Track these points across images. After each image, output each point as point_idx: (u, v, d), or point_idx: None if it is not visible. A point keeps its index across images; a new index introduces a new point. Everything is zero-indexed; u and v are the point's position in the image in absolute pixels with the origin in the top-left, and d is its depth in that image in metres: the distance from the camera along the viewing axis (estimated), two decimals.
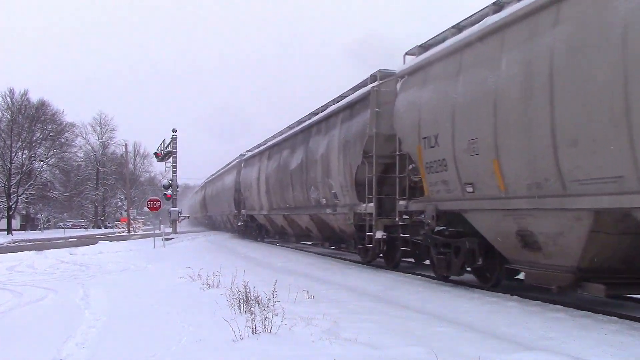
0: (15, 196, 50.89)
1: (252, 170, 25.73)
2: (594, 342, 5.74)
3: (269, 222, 24.66)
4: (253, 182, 25.12)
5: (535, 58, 7.14)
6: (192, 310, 7.79)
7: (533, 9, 7.29)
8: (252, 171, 25.68)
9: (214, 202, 43.04)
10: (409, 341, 5.74)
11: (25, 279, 13.35)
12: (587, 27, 6.46)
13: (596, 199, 6.41)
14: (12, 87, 54.29)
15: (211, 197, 44.39)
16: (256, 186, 24.48)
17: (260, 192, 23.90)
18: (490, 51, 8.17)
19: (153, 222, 49.11)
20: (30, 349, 6.11)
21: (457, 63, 9.04)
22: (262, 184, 23.38)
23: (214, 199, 42.68)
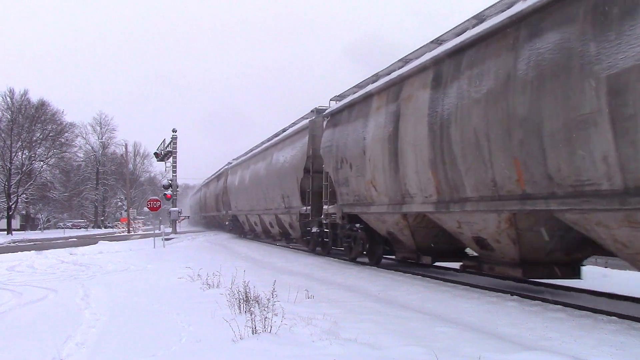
0: (15, 196, 50.87)
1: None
2: (594, 342, 5.74)
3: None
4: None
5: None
6: (192, 310, 7.79)
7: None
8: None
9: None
10: (409, 341, 5.74)
11: (25, 279, 13.35)
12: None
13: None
14: (12, 87, 54.39)
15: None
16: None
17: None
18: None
19: (153, 222, 48.99)
20: (30, 349, 6.10)
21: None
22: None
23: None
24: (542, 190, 7.06)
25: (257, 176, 24.50)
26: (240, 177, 29.09)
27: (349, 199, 14.18)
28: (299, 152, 18.55)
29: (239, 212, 30.66)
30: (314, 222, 17.34)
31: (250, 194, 26.36)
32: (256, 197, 24.97)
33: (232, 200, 31.94)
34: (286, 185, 19.71)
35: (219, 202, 38.90)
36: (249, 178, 26.39)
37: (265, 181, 22.90)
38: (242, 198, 28.74)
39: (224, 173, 36.12)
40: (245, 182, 27.44)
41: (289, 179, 19.31)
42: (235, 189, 30.31)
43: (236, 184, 30.07)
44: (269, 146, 23.48)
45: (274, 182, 21.44)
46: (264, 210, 24.16)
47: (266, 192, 22.97)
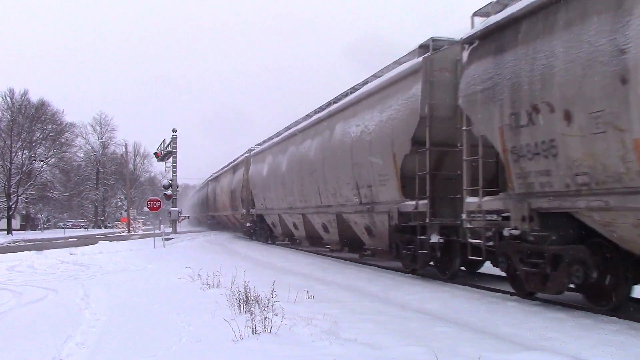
0: (15, 196, 50.88)
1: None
2: (594, 342, 5.74)
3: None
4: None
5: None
6: (192, 310, 7.79)
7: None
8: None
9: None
10: (409, 341, 5.74)
11: (25, 279, 13.35)
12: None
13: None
14: (12, 87, 54.38)
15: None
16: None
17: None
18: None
19: (153, 222, 48.86)
20: (30, 349, 6.11)
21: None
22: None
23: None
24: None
25: (303, 161, 17.41)
26: (270, 165, 22.03)
27: (550, 182, 7.21)
28: (399, 112, 11.15)
29: (269, 211, 23.55)
30: (433, 228, 10.27)
31: (288, 187, 19.42)
32: (300, 189, 18.01)
33: (258, 196, 24.79)
34: (367, 169, 12.61)
35: (235, 199, 31.54)
36: (288, 165, 19.38)
37: (320, 166, 15.76)
38: (273, 192, 21.78)
39: (242, 162, 29.32)
40: (279, 171, 20.44)
41: (375, 158, 12.20)
42: (263, 181, 23.39)
43: (264, 174, 23.01)
44: (327, 115, 15.89)
45: (339, 166, 14.27)
46: (315, 208, 16.92)
47: (322, 182, 15.80)
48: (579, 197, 6.84)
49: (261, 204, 24.48)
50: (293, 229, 20.83)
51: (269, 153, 22.95)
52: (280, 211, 21.50)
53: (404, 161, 11.07)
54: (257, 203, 25.26)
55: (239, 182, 29.91)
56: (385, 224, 12.17)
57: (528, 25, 7.60)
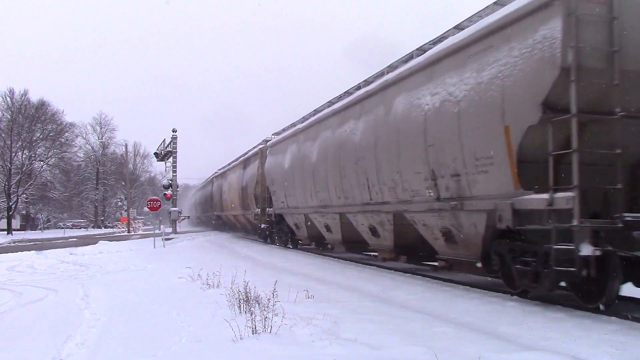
0: (15, 196, 50.89)
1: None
2: (594, 342, 5.74)
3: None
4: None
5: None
6: (192, 310, 7.79)
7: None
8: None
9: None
10: (409, 341, 5.74)
11: (25, 279, 13.36)
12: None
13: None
14: (12, 87, 54.40)
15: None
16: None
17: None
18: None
19: (153, 222, 48.77)
20: (30, 349, 6.11)
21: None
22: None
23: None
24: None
25: (344, 147, 13.82)
26: (295, 156, 18.28)
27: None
28: (516, 66, 7.78)
29: (291, 210, 19.64)
30: (583, 234, 6.79)
31: (320, 181, 15.80)
32: (337, 183, 14.49)
33: (277, 193, 20.97)
34: (452, 152, 9.17)
35: (246, 198, 27.68)
36: (320, 153, 15.76)
37: (371, 152, 12.16)
38: (298, 188, 17.95)
39: (256, 155, 25.68)
40: (307, 162, 16.78)
41: (469, 136, 8.76)
42: (283, 175, 19.49)
43: (285, 167, 19.17)
44: (380, 88, 12.06)
45: (403, 150, 10.79)
46: (360, 206, 13.33)
47: (372, 173, 12.25)
48: None
49: (281, 202, 20.50)
50: (324, 231, 16.94)
51: (292, 142, 18.90)
52: (307, 210, 17.68)
53: (524, 136, 7.62)
54: (276, 201, 21.44)
55: (251, 178, 26.35)
56: (478, 227, 8.78)
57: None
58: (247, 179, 27.70)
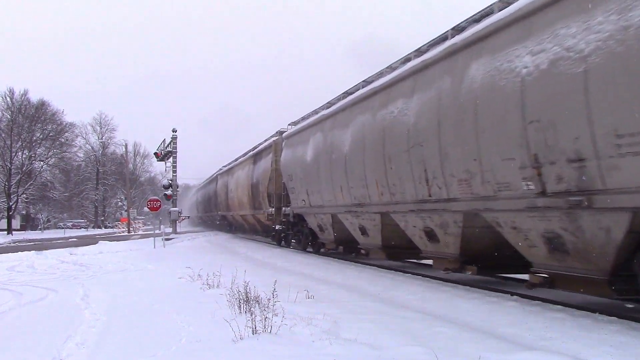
0: (15, 196, 50.91)
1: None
2: (594, 342, 5.74)
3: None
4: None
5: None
6: (192, 310, 7.79)
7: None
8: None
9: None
10: (409, 341, 5.75)
11: (25, 279, 13.36)
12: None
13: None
14: (12, 87, 54.42)
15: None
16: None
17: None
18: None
19: (153, 222, 48.75)
20: (30, 349, 6.11)
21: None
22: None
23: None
24: None
25: (390, 132, 11.13)
26: (319, 146, 15.46)
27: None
28: None
29: (314, 209, 16.64)
30: None
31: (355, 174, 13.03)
32: (379, 176, 11.76)
33: (296, 190, 17.91)
34: (572, 128, 6.65)
35: (257, 196, 24.85)
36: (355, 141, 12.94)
37: (433, 136, 9.58)
38: (324, 183, 15.15)
39: (270, 148, 23.04)
40: (338, 153, 13.91)
41: (607, 100, 6.22)
42: (305, 169, 16.71)
43: (307, 159, 16.41)
44: (445, 54, 9.59)
45: (482, 131, 8.32)
46: (414, 204, 10.64)
47: (433, 161, 9.64)
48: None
49: (302, 200, 17.46)
50: (358, 234, 14.08)
51: (315, 130, 16.11)
52: (336, 210, 14.78)
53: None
54: (295, 199, 18.34)
55: (264, 174, 23.56)
56: (613, 232, 6.45)
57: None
58: (259, 175, 24.74)
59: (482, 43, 8.46)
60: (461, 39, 9.10)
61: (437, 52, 9.84)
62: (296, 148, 17.89)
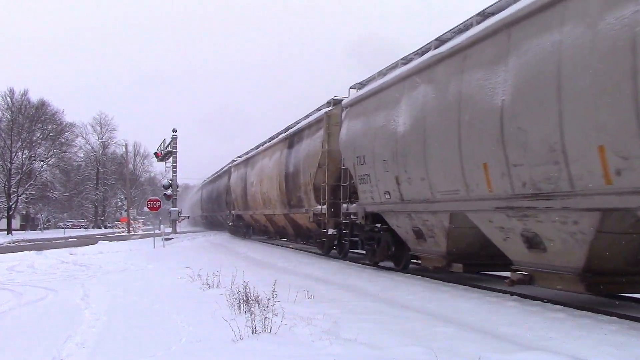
0: (15, 196, 50.91)
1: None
2: (594, 342, 5.74)
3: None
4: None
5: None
6: (192, 310, 7.79)
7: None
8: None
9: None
10: (409, 341, 5.75)
11: (25, 279, 13.36)
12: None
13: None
14: (12, 87, 54.44)
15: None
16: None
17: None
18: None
19: (153, 222, 48.50)
20: (30, 349, 6.11)
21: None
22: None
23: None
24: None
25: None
26: (426, 106, 9.78)
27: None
28: None
29: (412, 205, 10.76)
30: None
31: (534, 137, 7.10)
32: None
33: (375, 178, 12.10)
34: None
35: (295, 189, 18.70)
36: (528, 78, 7.20)
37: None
38: (437, 162, 9.49)
39: (317, 124, 16.91)
40: (483, 106, 8.04)
41: None
42: (392, 145, 11.02)
43: (400, 129, 10.66)
44: None
45: None
46: None
47: None
48: None
49: (385, 192, 11.62)
50: (519, 248, 8.08)
51: (415, 83, 10.36)
52: (464, 205, 9.03)
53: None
54: (369, 191, 12.45)
55: (307, 159, 17.16)
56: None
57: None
58: (298, 162, 18.31)
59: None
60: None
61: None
62: (372, 117, 11.91)
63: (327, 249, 16.89)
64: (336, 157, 15.01)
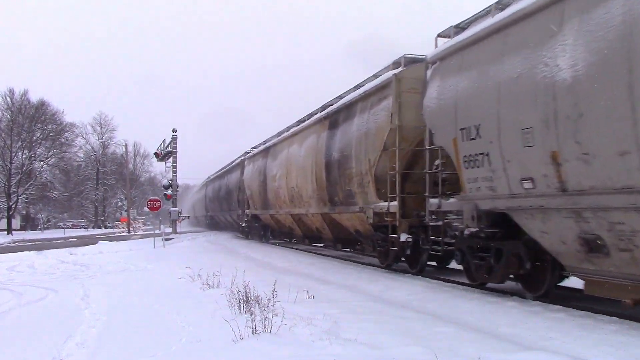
0: (15, 196, 50.89)
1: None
2: (594, 342, 5.74)
3: None
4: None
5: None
6: (192, 310, 7.79)
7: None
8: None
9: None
10: (409, 341, 5.75)
11: (25, 279, 13.36)
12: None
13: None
14: (12, 87, 54.39)
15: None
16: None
17: None
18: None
19: (153, 222, 48.37)
20: (30, 349, 6.11)
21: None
22: None
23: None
24: None
25: None
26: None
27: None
28: None
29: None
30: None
31: None
32: None
33: (487, 158, 8.18)
34: None
35: (341, 181, 14.32)
36: None
37: None
38: None
39: (379, 92, 12.45)
40: None
41: None
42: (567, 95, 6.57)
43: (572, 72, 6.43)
44: None
45: None
46: None
47: None
48: None
49: (524, 179, 7.57)
50: None
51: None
52: None
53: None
54: (479, 181, 8.59)
55: (367, 141, 12.66)
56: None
57: None
58: (347, 146, 13.69)
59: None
60: None
61: None
62: (493, 66, 8.15)
63: (392, 260, 12.39)
64: (409, 135, 11.31)
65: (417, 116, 10.70)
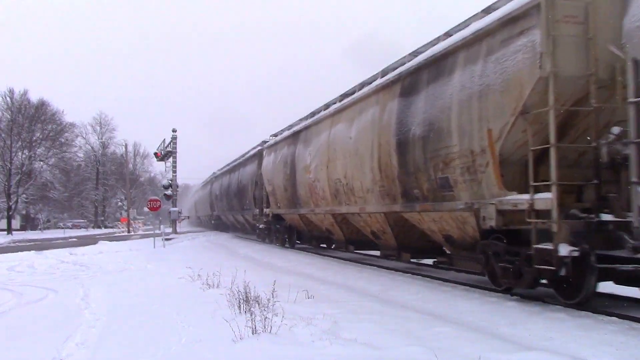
0: (15, 196, 50.86)
1: None
2: (594, 342, 5.74)
3: None
4: None
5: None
6: (192, 310, 7.79)
7: None
8: None
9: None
10: (409, 341, 5.74)
11: (25, 279, 13.35)
12: None
13: None
14: (11, 87, 54.32)
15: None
16: None
17: None
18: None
19: (153, 222, 48.35)
20: (30, 349, 6.11)
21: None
22: None
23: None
24: None
25: None
26: None
27: None
28: None
29: None
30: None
31: None
32: None
33: None
34: None
35: (412, 170, 10.57)
36: None
37: None
38: None
39: (483, 42, 8.60)
40: None
41: None
42: None
43: None
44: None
45: None
46: None
47: None
48: None
49: None
50: None
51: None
52: None
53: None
54: None
55: (483, 102, 8.43)
56: None
57: None
58: (441, 115, 9.59)
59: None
60: None
61: None
62: None
63: (528, 284, 8.18)
64: (565, 89, 7.44)
65: (578, 60, 7.37)
